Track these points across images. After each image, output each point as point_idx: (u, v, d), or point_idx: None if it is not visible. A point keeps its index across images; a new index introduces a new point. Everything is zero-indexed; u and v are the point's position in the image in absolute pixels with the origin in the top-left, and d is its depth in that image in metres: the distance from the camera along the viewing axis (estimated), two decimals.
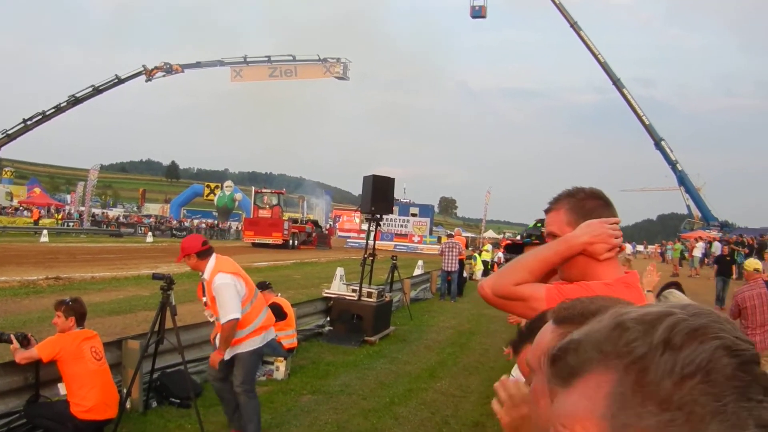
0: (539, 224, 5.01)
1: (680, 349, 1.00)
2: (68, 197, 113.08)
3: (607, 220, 2.95)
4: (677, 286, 9.26)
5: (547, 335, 1.86)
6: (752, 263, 13.98)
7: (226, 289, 8.19)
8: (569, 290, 2.82)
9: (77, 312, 8.39)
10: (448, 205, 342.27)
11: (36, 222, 72.04)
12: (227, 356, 8.44)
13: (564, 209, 3.09)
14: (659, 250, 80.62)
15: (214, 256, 8.59)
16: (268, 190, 70.00)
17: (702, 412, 0.95)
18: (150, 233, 70.39)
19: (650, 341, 1.02)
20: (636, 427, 0.97)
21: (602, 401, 1.02)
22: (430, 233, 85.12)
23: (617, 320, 1.09)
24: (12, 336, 8.12)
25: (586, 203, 3.03)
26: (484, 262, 41.99)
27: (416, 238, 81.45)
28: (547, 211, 3.19)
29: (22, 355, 7.98)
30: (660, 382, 0.98)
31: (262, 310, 8.78)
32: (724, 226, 79.57)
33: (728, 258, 31.85)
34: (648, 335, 1.03)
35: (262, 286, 13.58)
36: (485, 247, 48.27)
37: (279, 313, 13.13)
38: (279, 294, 14.17)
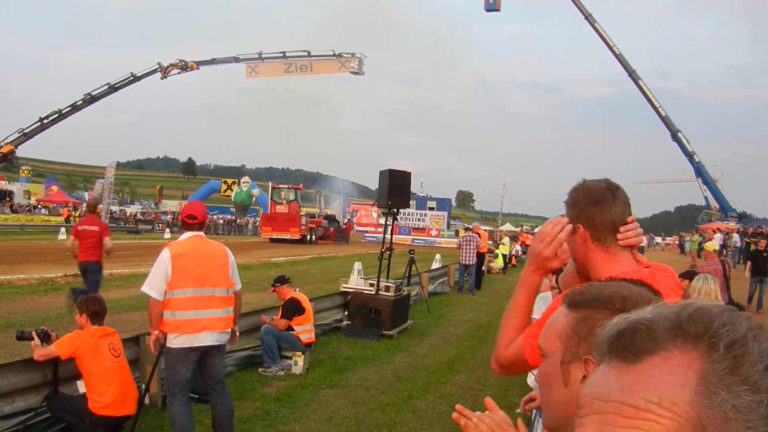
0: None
1: (761, 341, 1.12)
2: (86, 195, 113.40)
3: (552, 222, 3.09)
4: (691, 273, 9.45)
5: (561, 319, 1.90)
6: (711, 245, 20.82)
7: (156, 263, 7.94)
8: (532, 329, 3.05)
9: (89, 309, 8.41)
10: (465, 198, 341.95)
11: (67, 220, 72.56)
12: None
13: (566, 204, 3.12)
14: (677, 242, 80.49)
15: (191, 233, 8.29)
16: (285, 186, 70.01)
17: None
18: (168, 229, 70.62)
19: (739, 328, 1.12)
20: (730, 404, 1.06)
21: (694, 377, 1.10)
22: (448, 227, 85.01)
23: (697, 305, 1.19)
24: (33, 333, 8.16)
25: (580, 200, 3.03)
26: (503, 256, 42.07)
27: (434, 232, 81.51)
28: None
29: (40, 352, 8.00)
30: (754, 366, 1.08)
31: (196, 307, 7.97)
32: (743, 217, 79.08)
33: (765, 254, 28.87)
34: (736, 323, 1.13)
35: (281, 281, 13.61)
36: (502, 240, 48.31)
37: (297, 308, 13.15)
38: (297, 289, 14.14)
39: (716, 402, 1.07)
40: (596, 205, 2.97)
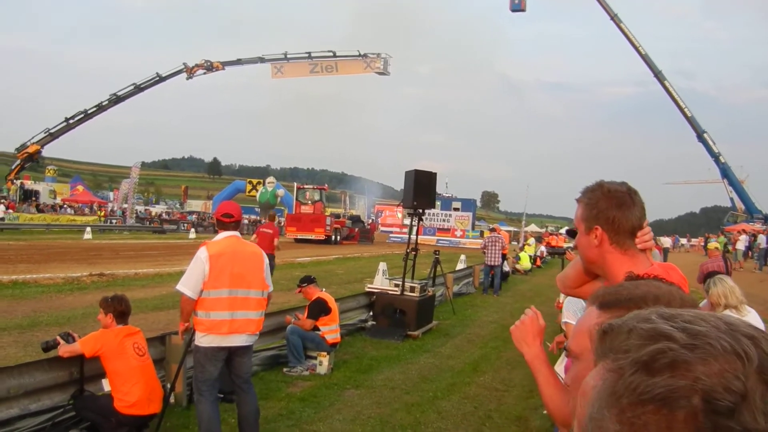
0: None
1: (653, 374, 1.04)
2: (111, 195, 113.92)
3: (527, 316, 3.33)
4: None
5: (592, 320, 1.89)
6: (713, 244, 23.47)
7: (193, 262, 7.97)
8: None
9: (115, 309, 8.44)
10: (490, 199, 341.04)
11: (105, 219, 73.57)
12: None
13: (582, 204, 3.17)
14: (702, 244, 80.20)
15: (227, 233, 8.33)
16: (311, 186, 70.17)
17: None
18: (193, 229, 70.98)
19: (635, 357, 1.08)
20: (603, 429, 1.08)
21: (591, 391, 1.14)
22: (473, 228, 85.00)
23: (634, 324, 1.15)
24: (58, 337, 8.22)
25: (600, 203, 3.07)
26: (529, 256, 42.12)
27: (459, 233, 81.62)
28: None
29: (65, 349, 8.06)
30: (621, 396, 1.06)
31: (231, 308, 8.04)
32: None
33: None
34: (639, 350, 1.09)
35: (308, 281, 13.65)
36: (528, 241, 48.40)
37: (323, 308, 13.19)
38: (323, 289, 14.17)
39: (596, 419, 1.10)
40: (618, 209, 3.03)
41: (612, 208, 3.03)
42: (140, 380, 8.12)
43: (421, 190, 17.57)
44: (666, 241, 63.60)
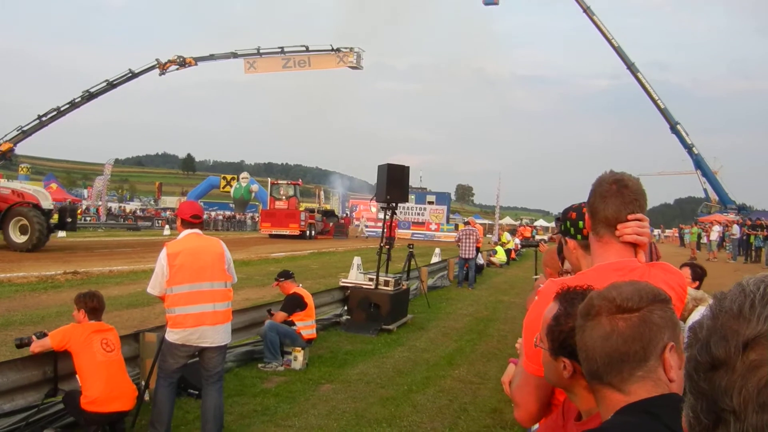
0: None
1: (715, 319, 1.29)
2: (85, 192, 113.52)
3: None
4: (700, 268, 9.29)
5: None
6: None
7: (156, 263, 8.22)
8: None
9: (87, 305, 8.45)
10: (464, 192, 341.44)
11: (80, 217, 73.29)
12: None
13: (591, 192, 3.30)
14: (677, 234, 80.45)
15: (189, 231, 8.52)
16: (285, 181, 70.08)
17: None
18: (167, 226, 70.75)
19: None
20: None
21: None
22: (447, 221, 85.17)
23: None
24: (33, 336, 8.20)
25: (592, 190, 3.24)
26: (507, 251, 42.28)
27: (433, 226, 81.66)
28: None
29: (36, 344, 8.07)
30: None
31: (195, 301, 8.21)
32: (742, 209, 78.85)
33: None
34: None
35: (285, 275, 13.65)
36: (503, 239, 48.55)
37: (299, 303, 13.19)
38: (300, 284, 14.17)
39: None
40: (599, 198, 3.19)
41: (594, 196, 3.20)
42: (102, 376, 8.06)
43: (394, 183, 17.60)
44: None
